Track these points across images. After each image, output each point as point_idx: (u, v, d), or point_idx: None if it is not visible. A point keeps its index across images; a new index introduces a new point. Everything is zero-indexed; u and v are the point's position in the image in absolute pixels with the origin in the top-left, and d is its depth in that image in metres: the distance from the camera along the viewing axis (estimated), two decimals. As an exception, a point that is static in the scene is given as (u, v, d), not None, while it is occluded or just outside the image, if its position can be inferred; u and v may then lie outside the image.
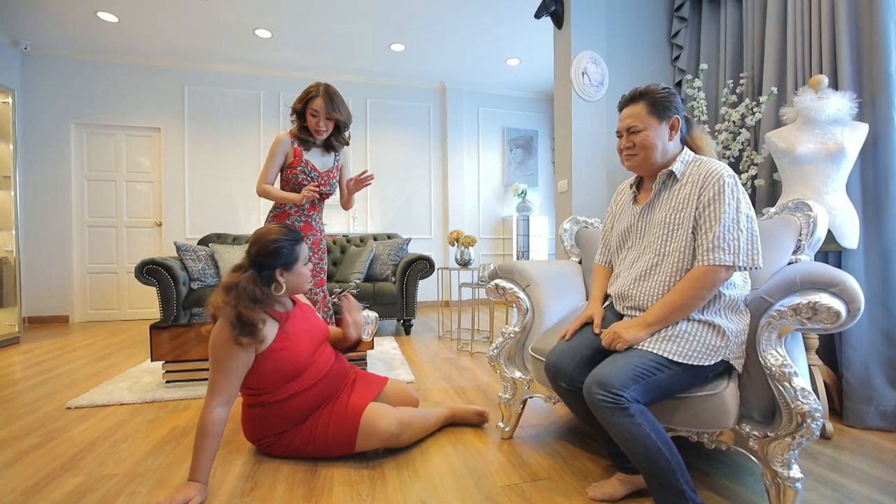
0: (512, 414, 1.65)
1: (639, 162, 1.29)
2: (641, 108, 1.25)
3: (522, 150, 5.69)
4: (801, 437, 1.05)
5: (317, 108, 1.93)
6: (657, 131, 1.25)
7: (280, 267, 1.39)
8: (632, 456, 1.07)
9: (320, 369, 1.49)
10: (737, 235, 1.12)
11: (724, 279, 1.12)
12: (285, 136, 1.99)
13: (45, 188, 4.36)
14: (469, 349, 3.10)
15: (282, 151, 1.98)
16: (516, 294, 1.65)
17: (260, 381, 1.38)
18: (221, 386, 1.28)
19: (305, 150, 2.01)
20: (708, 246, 1.13)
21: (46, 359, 2.92)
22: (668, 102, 1.25)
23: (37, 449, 1.58)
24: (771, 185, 2.21)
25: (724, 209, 1.13)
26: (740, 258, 1.12)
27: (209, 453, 1.24)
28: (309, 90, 1.95)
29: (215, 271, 3.69)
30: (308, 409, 1.45)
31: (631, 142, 1.28)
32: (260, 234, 1.41)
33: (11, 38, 4.07)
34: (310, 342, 1.48)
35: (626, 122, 1.28)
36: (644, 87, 1.28)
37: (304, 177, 1.99)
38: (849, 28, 1.84)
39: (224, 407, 1.28)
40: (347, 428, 1.43)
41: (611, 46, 2.81)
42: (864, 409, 1.71)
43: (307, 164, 2.00)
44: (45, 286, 4.37)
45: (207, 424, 1.23)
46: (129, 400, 2.07)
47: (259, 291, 1.34)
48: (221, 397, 1.27)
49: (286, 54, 4.49)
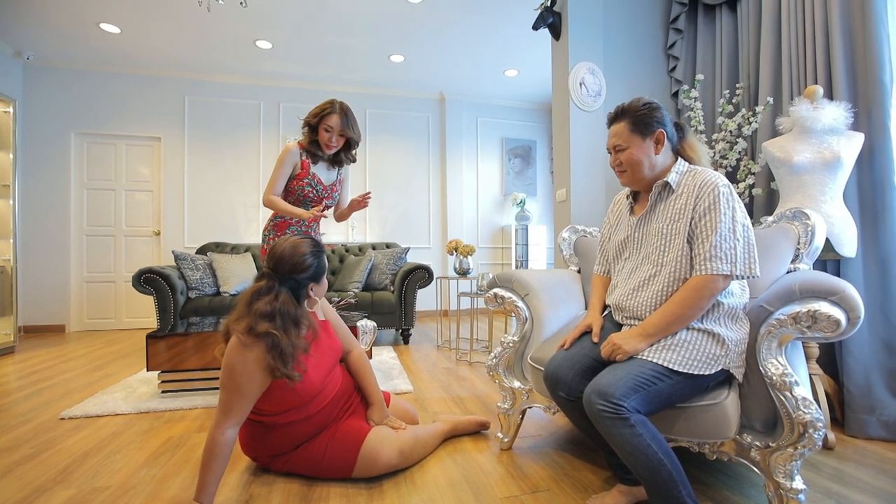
0: (511, 424, 1.64)
1: (629, 178, 1.32)
2: (623, 127, 1.28)
3: (521, 160, 5.72)
4: (804, 447, 1.03)
5: (332, 124, 1.94)
6: (641, 149, 1.26)
7: (312, 281, 1.36)
8: (633, 467, 1.05)
9: (326, 395, 1.42)
10: (733, 244, 1.12)
11: (722, 288, 1.12)
12: (294, 146, 1.99)
13: (45, 197, 4.36)
14: (468, 359, 3.08)
15: (290, 162, 1.97)
16: (515, 303, 1.64)
17: (266, 403, 1.32)
18: (235, 408, 1.22)
19: (313, 163, 2.02)
20: (705, 255, 1.13)
21: (41, 368, 2.89)
22: (650, 119, 1.25)
23: (29, 460, 1.55)
24: (768, 194, 2.22)
25: (719, 219, 1.13)
26: (738, 267, 1.12)
27: (216, 475, 1.18)
28: (325, 106, 1.95)
29: (213, 280, 3.67)
30: (307, 436, 1.41)
31: (618, 160, 1.31)
32: (288, 251, 1.32)
33: (14, 48, 4.10)
34: (323, 370, 1.42)
35: (612, 141, 1.31)
36: (626, 105, 1.29)
37: (310, 189, 1.99)
38: (843, 39, 1.86)
39: (235, 428, 1.23)
40: (347, 453, 1.38)
41: (608, 57, 2.84)
42: (865, 419, 1.70)
43: (314, 176, 2.00)
44: (42, 295, 4.35)
45: (217, 446, 1.18)
46: (123, 410, 2.04)
47: (299, 312, 1.31)
48: (234, 419, 1.22)
49: (287, 65, 4.53)
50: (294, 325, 1.28)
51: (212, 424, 1.22)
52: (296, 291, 1.33)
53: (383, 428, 1.47)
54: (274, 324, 1.24)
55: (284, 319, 1.26)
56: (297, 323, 1.29)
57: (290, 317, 1.27)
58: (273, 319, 1.24)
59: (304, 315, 1.34)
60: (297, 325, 1.30)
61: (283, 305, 1.27)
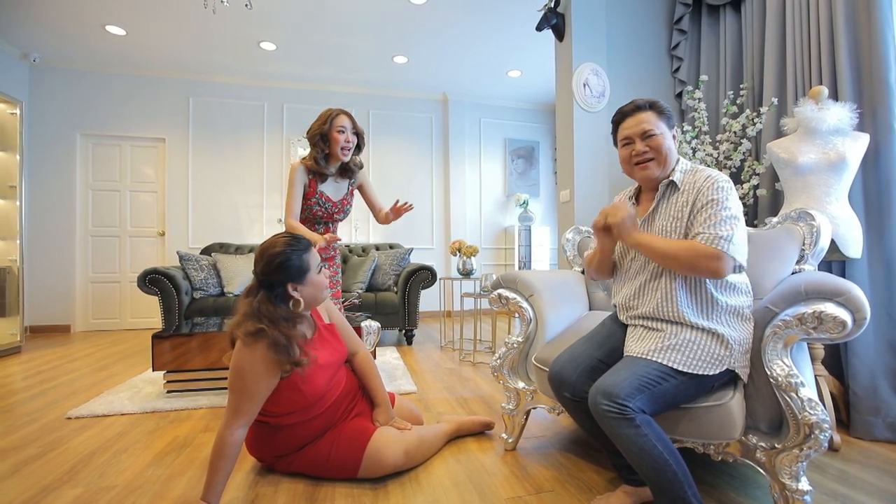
0: (515, 425, 1.64)
1: (656, 166, 1.25)
2: (652, 115, 1.26)
3: (524, 161, 5.72)
4: (810, 448, 1.03)
5: (343, 123, 1.91)
6: (669, 137, 1.26)
7: (291, 281, 1.30)
8: (638, 467, 1.05)
9: (330, 397, 1.43)
10: (732, 227, 1.10)
11: (721, 269, 1.08)
12: (299, 165, 1.94)
13: (50, 198, 4.39)
14: (471, 359, 3.08)
15: (300, 181, 1.93)
16: (519, 304, 1.64)
17: (273, 404, 1.33)
18: (243, 409, 1.23)
19: (320, 182, 1.98)
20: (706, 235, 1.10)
21: (47, 368, 2.91)
22: (671, 114, 1.29)
23: (36, 460, 1.57)
24: (773, 195, 2.22)
25: (722, 205, 1.13)
26: (735, 251, 1.09)
27: (224, 474, 1.20)
28: (327, 113, 1.92)
29: (217, 280, 3.69)
30: (312, 436, 1.41)
31: (647, 146, 1.24)
32: (264, 249, 1.31)
33: (21, 50, 4.13)
34: (327, 372, 1.41)
35: (642, 127, 1.24)
36: (649, 100, 1.29)
37: (319, 208, 1.98)
38: (847, 39, 1.86)
39: (243, 428, 1.24)
40: (352, 453, 1.38)
41: (612, 58, 2.84)
42: (871, 421, 1.69)
43: (321, 195, 1.98)
44: (48, 295, 4.37)
45: (226, 446, 1.19)
46: (129, 410, 2.05)
47: (281, 311, 1.28)
48: (242, 419, 1.23)
49: (290, 66, 4.54)
50: (284, 322, 1.27)
51: (220, 425, 1.22)
52: (271, 291, 1.29)
53: (388, 429, 1.48)
54: (259, 321, 1.24)
55: (270, 319, 1.25)
56: (286, 320, 1.27)
57: (268, 315, 1.26)
58: (258, 318, 1.25)
59: (289, 316, 1.30)
60: (287, 322, 1.28)
61: (259, 305, 1.26)
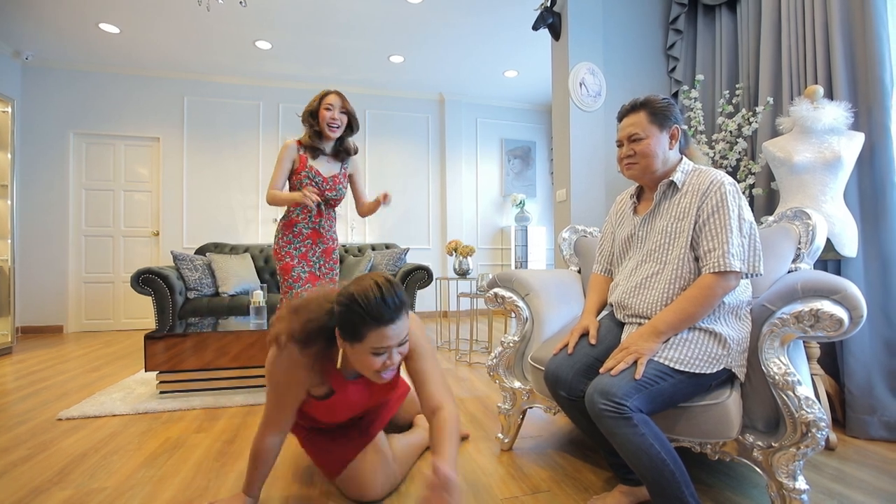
0: (511, 425, 1.63)
1: (639, 170, 1.29)
2: (642, 117, 1.26)
3: (520, 161, 5.72)
4: (806, 447, 1.03)
5: (331, 101, 1.98)
6: (658, 140, 1.25)
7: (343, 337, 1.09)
8: (635, 467, 1.05)
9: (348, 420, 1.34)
10: (741, 241, 1.12)
11: (733, 286, 1.12)
12: (292, 142, 2.02)
13: (43, 197, 4.35)
14: (468, 359, 3.07)
15: (288, 157, 2.00)
16: (515, 303, 1.63)
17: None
18: (273, 418, 1.19)
19: (312, 158, 2.03)
20: (715, 253, 1.12)
21: (39, 369, 2.88)
22: (669, 112, 1.26)
23: (26, 461, 1.54)
24: (769, 194, 2.22)
25: (728, 215, 1.13)
26: (746, 264, 1.12)
27: (262, 474, 1.21)
28: (320, 93, 2.01)
29: (212, 281, 3.66)
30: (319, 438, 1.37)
31: (632, 150, 1.27)
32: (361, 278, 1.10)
33: (13, 48, 4.09)
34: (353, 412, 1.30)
35: (628, 131, 1.28)
36: (644, 97, 1.29)
37: (309, 181, 2.00)
38: (842, 38, 1.86)
39: (277, 436, 1.20)
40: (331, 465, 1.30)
41: (608, 58, 2.84)
42: (867, 420, 1.70)
43: (311, 168, 2.01)
44: (40, 296, 4.33)
45: (261, 452, 1.19)
46: (121, 411, 2.03)
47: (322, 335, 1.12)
48: (273, 427, 1.19)
49: (286, 65, 4.52)
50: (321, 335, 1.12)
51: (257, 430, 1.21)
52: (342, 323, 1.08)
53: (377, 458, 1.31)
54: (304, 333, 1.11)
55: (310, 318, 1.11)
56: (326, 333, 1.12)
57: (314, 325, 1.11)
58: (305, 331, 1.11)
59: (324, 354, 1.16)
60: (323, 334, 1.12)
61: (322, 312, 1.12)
